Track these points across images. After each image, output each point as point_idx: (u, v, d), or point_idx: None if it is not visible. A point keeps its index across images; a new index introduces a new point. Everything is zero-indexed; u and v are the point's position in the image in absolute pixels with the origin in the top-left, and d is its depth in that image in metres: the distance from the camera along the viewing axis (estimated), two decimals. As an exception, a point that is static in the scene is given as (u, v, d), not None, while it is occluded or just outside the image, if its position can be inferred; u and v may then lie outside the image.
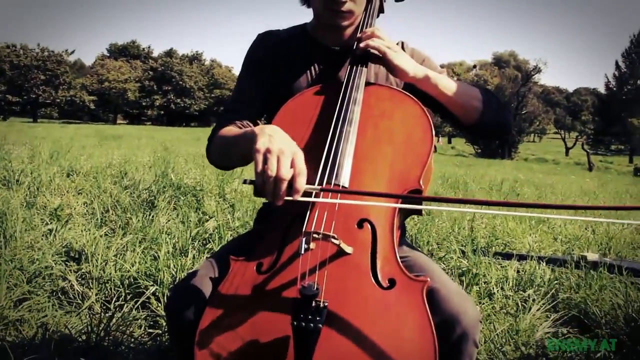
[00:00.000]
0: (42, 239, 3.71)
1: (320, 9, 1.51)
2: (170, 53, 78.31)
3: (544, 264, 3.66)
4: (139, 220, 3.99)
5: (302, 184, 1.11)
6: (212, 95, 73.01)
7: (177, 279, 2.83)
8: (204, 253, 3.36)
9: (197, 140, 23.37)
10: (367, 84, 1.47)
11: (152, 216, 4.17)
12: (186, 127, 62.03)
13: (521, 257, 3.81)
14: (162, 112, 71.86)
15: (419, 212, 1.57)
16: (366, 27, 1.53)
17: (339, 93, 1.42)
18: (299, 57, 1.61)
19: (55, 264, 3.07)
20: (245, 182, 1.17)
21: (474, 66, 77.39)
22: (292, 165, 1.10)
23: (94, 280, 2.94)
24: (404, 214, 1.47)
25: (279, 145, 1.11)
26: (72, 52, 72.61)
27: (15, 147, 12.15)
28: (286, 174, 1.08)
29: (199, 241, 3.70)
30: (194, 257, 3.25)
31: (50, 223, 4.37)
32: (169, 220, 4.13)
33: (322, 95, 1.48)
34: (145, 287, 2.82)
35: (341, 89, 1.43)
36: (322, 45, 1.60)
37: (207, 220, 4.44)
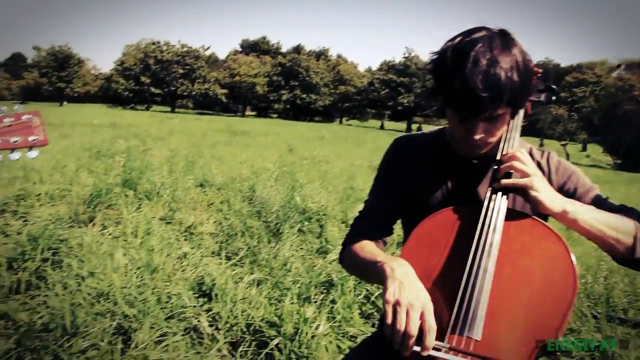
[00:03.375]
0: (176, 263, 3.97)
1: (456, 138, 1.43)
2: (298, 49, 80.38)
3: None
4: (267, 254, 4.11)
5: (431, 341, 1.10)
6: (337, 91, 73.91)
7: (300, 331, 2.87)
8: (326, 304, 3.37)
9: (320, 140, 23.78)
10: (507, 210, 1.37)
11: (278, 248, 4.27)
12: (310, 122, 63.37)
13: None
14: (288, 107, 74.04)
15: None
16: (508, 143, 1.42)
17: (476, 220, 1.34)
18: (435, 166, 1.54)
19: (188, 299, 3.24)
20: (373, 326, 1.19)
21: (618, 66, 70.27)
22: (421, 319, 1.10)
23: (223, 321, 3.06)
24: None
25: (409, 298, 1.11)
26: (208, 47, 77.02)
27: (156, 144, 13.13)
28: (414, 330, 1.08)
29: (319, 287, 3.71)
30: (318, 307, 3.29)
31: (184, 242, 4.67)
32: (292, 255, 4.21)
33: (459, 219, 1.40)
34: (270, 336, 2.89)
35: (479, 215, 1.34)
36: (460, 156, 1.51)
37: (329, 251, 4.48)
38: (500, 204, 1.35)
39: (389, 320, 1.10)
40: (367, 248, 1.47)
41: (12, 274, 3.58)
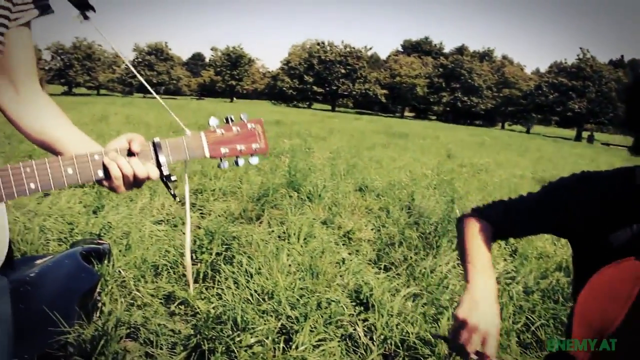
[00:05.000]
0: (336, 268, 4.10)
1: None
2: (461, 50, 78.50)
3: None
4: (424, 267, 4.09)
5: None
6: (501, 94, 70.87)
7: (454, 355, 2.82)
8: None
9: (480, 146, 22.99)
10: None
11: (435, 262, 4.23)
12: (470, 126, 61.49)
13: None
14: (448, 109, 72.62)
15: None
16: None
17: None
18: (621, 207, 1.42)
19: (346, 307, 3.34)
20: (436, 336, 1.28)
21: None
22: (483, 344, 1.18)
23: (378, 332, 3.12)
24: None
25: (477, 320, 1.19)
26: (370, 48, 78.14)
27: (317, 143, 13.64)
28: (471, 350, 1.19)
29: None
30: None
31: (342, 247, 4.81)
32: (449, 271, 4.15)
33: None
34: (424, 355, 2.89)
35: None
36: None
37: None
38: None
39: (454, 336, 1.21)
40: (478, 239, 1.46)
41: (192, 263, 3.96)
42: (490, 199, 6.34)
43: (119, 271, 3.60)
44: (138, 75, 1.50)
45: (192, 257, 4.06)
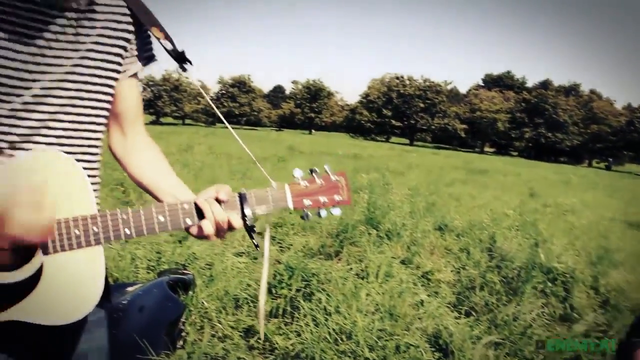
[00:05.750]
0: (414, 309, 4.04)
1: None
2: (545, 84, 76.31)
3: None
4: (506, 314, 3.96)
5: None
6: (588, 130, 67.97)
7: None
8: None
9: (565, 184, 22.09)
10: None
11: (519, 309, 4.08)
12: (554, 163, 59.17)
13: None
14: (530, 145, 70.41)
15: None
16: None
17: None
18: None
19: (424, 352, 3.28)
20: None
21: None
22: None
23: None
24: None
25: None
26: (450, 82, 77.56)
27: (395, 179, 13.58)
28: None
29: None
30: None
31: (421, 288, 4.74)
32: (534, 320, 3.99)
33: None
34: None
35: None
36: None
37: (575, 321, 4.14)
38: None
39: None
40: None
41: (272, 298, 4.02)
42: (578, 244, 6.06)
43: (203, 302, 3.72)
44: (217, 112, 1.59)
45: (270, 291, 4.13)
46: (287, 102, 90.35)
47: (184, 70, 1.41)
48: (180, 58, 1.38)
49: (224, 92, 79.15)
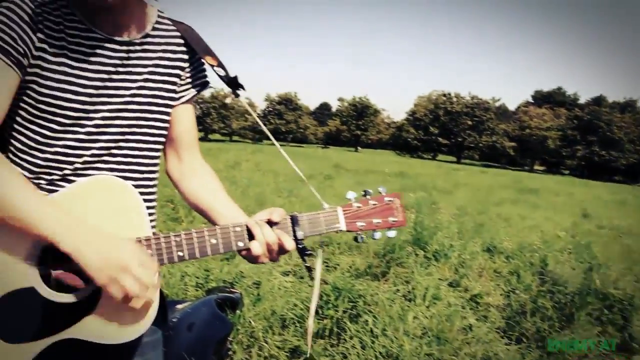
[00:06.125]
0: (462, 334, 3.97)
1: None
2: (598, 100, 74.15)
3: None
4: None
5: None
6: (646, 148, 65.61)
7: None
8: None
9: (621, 205, 21.30)
10: None
11: (572, 338, 3.94)
12: (609, 182, 57.14)
13: None
14: (583, 163, 68.35)
15: None
16: None
17: None
18: None
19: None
20: None
21: None
22: None
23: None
24: None
25: None
26: (498, 99, 76.35)
27: (442, 198, 13.41)
28: None
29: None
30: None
31: (469, 311, 4.65)
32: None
33: None
34: None
35: None
36: None
37: (634, 352, 3.97)
38: None
39: None
40: None
41: (318, 319, 4.02)
42: (636, 269, 5.83)
43: (250, 321, 3.75)
44: (265, 130, 1.61)
45: (317, 312, 4.13)
46: (333, 120, 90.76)
47: (237, 96, 1.45)
48: (233, 84, 1.42)
49: (270, 109, 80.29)
